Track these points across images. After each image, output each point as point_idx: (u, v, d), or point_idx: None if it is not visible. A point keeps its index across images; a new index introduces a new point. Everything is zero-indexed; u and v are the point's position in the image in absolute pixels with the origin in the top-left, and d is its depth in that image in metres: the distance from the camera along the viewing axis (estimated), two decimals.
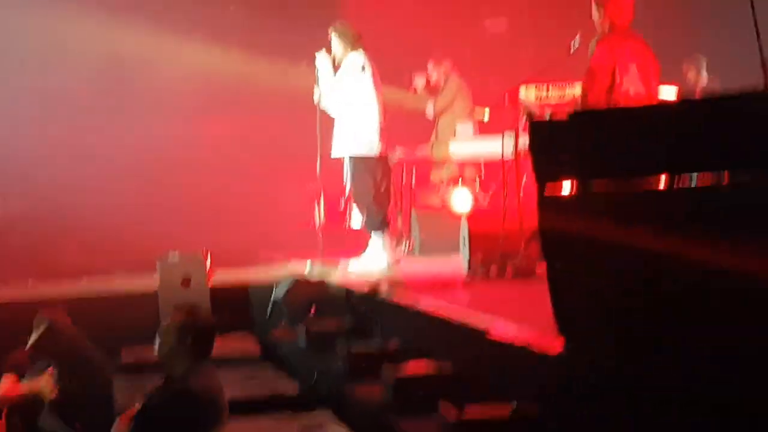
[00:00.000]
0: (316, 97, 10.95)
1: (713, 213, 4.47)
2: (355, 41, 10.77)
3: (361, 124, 10.62)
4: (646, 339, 4.60)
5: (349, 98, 10.66)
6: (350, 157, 10.64)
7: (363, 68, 10.68)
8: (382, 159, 10.83)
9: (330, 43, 10.87)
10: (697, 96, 10.83)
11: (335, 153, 10.75)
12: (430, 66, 13.38)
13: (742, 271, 4.31)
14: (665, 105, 6.02)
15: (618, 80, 8.48)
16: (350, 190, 10.84)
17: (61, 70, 15.49)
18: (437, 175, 13.32)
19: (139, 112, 15.72)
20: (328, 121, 10.96)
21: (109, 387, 8.33)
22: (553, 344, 5.00)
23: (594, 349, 4.75)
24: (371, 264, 10.66)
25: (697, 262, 4.43)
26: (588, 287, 4.85)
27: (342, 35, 10.80)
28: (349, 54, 10.75)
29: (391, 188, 11.31)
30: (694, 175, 4.86)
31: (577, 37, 9.28)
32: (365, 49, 10.80)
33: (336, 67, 10.85)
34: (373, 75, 10.74)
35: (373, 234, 10.82)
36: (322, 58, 10.82)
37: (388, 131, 10.96)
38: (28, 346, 8.19)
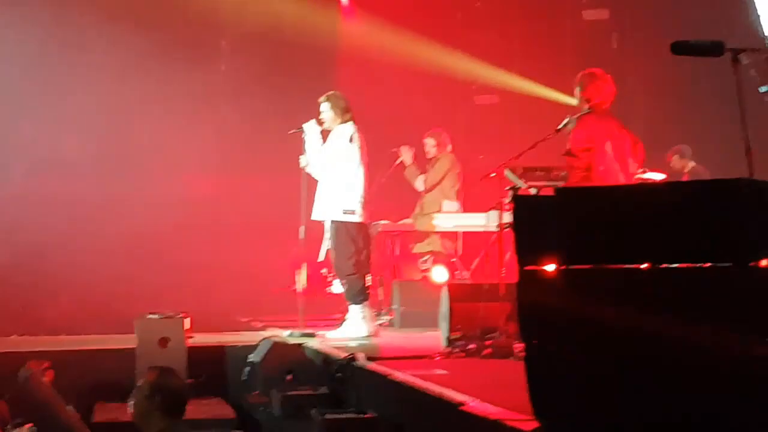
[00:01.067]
0: (302, 164, 11.06)
1: (696, 294, 4.48)
2: (345, 112, 10.90)
3: (345, 191, 10.73)
4: (622, 421, 4.59)
5: (335, 166, 10.77)
6: (332, 221, 10.71)
7: (351, 140, 10.80)
8: (363, 227, 10.89)
9: (320, 111, 10.98)
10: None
11: (315, 215, 10.84)
12: (427, 138, 13.47)
13: (725, 354, 4.32)
14: (653, 185, 6.05)
15: (596, 160, 8.62)
16: (331, 256, 10.90)
17: (51, 126, 15.54)
18: (419, 248, 13.36)
19: (125, 171, 15.76)
20: (312, 187, 11.05)
21: None
22: (528, 421, 4.99)
23: (568, 429, 4.74)
24: (350, 333, 10.72)
25: (679, 345, 4.44)
26: (565, 368, 4.83)
27: (334, 105, 10.93)
28: (338, 124, 10.87)
29: (370, 259, 11.36)
30: None
31: (567, 119, 9.40)
32: (355, 121, 10.91)
33: (324, 135, 10.97)
34: (361, 147, 10.85)
35: (351, 306, 10.89)
36: (311, 127, 10.92)
37: (372, 203, 11.05)
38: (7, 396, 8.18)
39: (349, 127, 10.88)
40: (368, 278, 11.15)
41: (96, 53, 15.60)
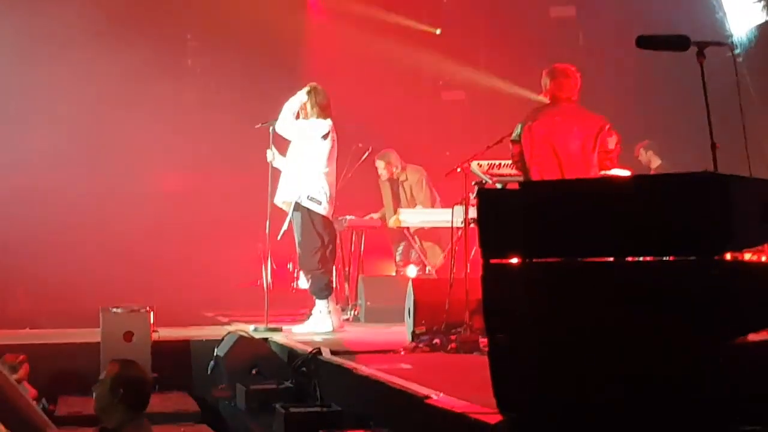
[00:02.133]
0: (269, 158, 11.07)
1: (660, 288, 4.50)
2: (324, 108, 10.90)
3: (312, 181, 10.72)
4: (586, 415, 4.61)
5: (303, 157, 10.77)
6: (296, 205, 10.71)
7: (325, 137, 10.81)
8: (328, 222, 10.89)
9: (299, 94, 10.97)
10: None
11: (278, 199, 10.84)
12: (377, 161, 13.49)
13: (689, 347, 4.34)
14: (617, 179, 6.07)
15: (558, 147, 8.61)
16: (297, 250, 10.90)
17: (17, 121, 15.46)
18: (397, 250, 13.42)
19: (92, 167, 15.71)
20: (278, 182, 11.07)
21: None
22: (493, 414, 5.00)
23: (532, 422, 4.75)
24: (315, 328, 10.75)
25: (643, 338, 4.46)
26: (529, 361, 4.84)
27: (316, 98, 10.92)
28: (315, 117, 10.87)
29: (336, 254, 11.37)
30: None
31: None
32: (332, 119, 10.94)
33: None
34: (332, 147, 10.87)
35: (316, 300, 10.91)
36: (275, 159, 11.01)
37: (338, 200, 11.08)
38: None
39: (326, 125, 10.89)
40: (332, 273, 11.17)
41: (63, 49, 15.52)
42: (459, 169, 9.88)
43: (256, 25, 16.49)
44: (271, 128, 11.07)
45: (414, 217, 12.87)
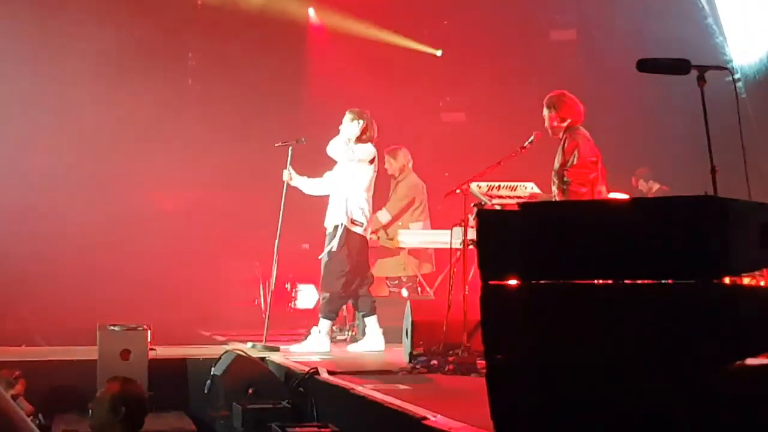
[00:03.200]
0: (285, 177, 11.21)
1: (659, 311, 4.49)
2: (372, 134, 11.03)
3: (351, 204, 10.90)
4: None
5: (353, 180, 10.88)
6: (341, 225, 10.79)
7: (371, 162, 10.95)
8: (363, 240, 11.02)
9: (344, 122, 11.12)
10: None
11: (328, 222, 11.12)
12: (386, 156, 13.45)
13: (686, 371, 4.34)
14: (616, 202, 6.07)
15: (600, 173, 8.71)
16: (322, 267, 10.96)
17: (14, 137, 15.46)
18: (384, 267, 13.34)
19: (90, 184, 15.70)
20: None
21: None
22: None
23: None
24: (313, 348, 10.75)
25: (642, 362, 4.45)
26: (527, 384, 4.83)
27: (365, 124, 11.04)
28: (365, 143, 10.98)
29: (370, 275, 11.48)
30: None
31: (533, 136, 9.48)
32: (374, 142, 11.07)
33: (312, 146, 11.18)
34: (375, 171, 11.03)
35: (321, 318, 10.95)
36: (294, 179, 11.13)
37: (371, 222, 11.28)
38: None
39: (371, 150, 11.04)
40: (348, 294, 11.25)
41: (62, 66, 15.53)
42: (458, 191, 9.90)
43: (256, 44, 16.53)
44: (290, 148, 11.22)
45: (412, 237, 12.86)
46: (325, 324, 11.06)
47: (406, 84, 16.42)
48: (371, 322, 11.21)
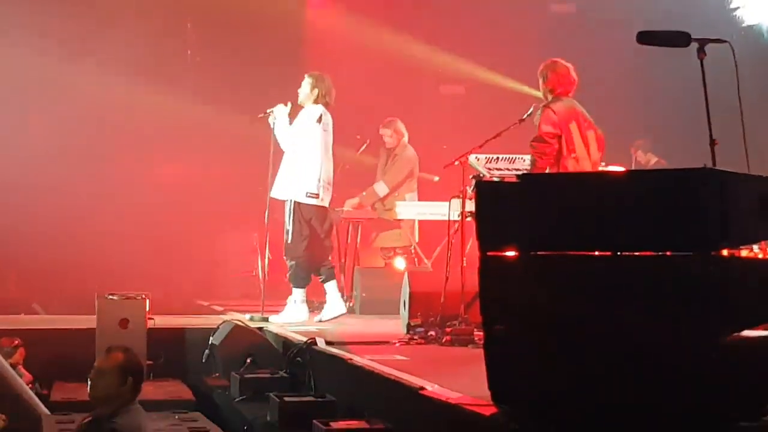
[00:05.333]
0: (278, 111, 11.05)
1: (657, 282, 4.51)
2: (322, 96, 10.90)
3: (304, 172, 10.73)
4: (580, 407, 4.62)
5: (298, 145, 10.78)
6: (292, 201, 10.72)
7: (319, 120, 10.80)
8: (323, 211, 10.88)
9: (301, 86, 10.97)
10: None
11: (276, 193, 10.85)
12: (383, 129, 13.42)
13: (683, 342, 4.36)
14: (615, 174, 6.07)
15: (565, 147, 8.72)
16: (285, 236, 10.88)
17: (11, 108, 15.44)
18: (385, 238, 13.35)
19: (89, 154, 15.67)
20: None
21: (37, 423, 8.26)
22: (487, 406, 5.01)
23: (527, 414, 4.76)
24: (291, 318, 10.73)
25: (639, 332, 4.47)
26: (524, 354, 4.85)
27: (315, 85, 10.94)
28: (310, 103, 10.88)
29: (334, 245, 11.37)
30: None
31: (531, 108, 9.47)
32: (329, 108, 10.93)
33: (296, 111, 10.99)
34: (326, 131, 10.85)
35: (294, 288, 10.90)
36: (280, 111, 10.92)
37: (333, 187, 11.07)
38: None
39: (318, 109, 10.89)
40: (326, 262, 11.13)
41: (59, 39, 15.48)
42: (457, 163, 9.89)
43: (255, 15, 16.46)
44: (271, 119, 11.06)
45: (410, 209, 12.86)
46: (298, 293, 10.97)
47: (404, 56, 16.37)
48: (330, 287, 11.13)
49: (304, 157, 10.82)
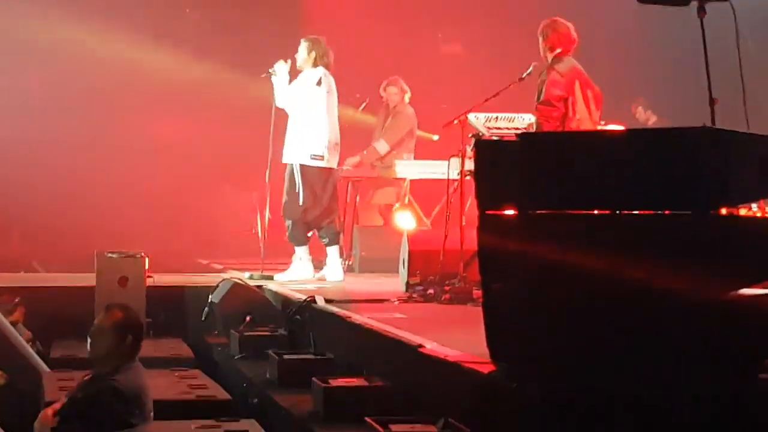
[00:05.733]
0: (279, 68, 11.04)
1: (655, 241, 4.52)
2: (320, 58, 10.89)
3: (308, 135, 10.74)
4: (577, 365, 4.64)
5: (301, 109, 10.77)
6: (296, 164, 10.73)
7: (319, 83, 10.80)
8: (325, 172, 10.89)
9: (298, 51, 10.96)
10: None
11: (285, 158, 10.86)
12: (389, 87, 13.38)
13: (680, 297, 4.37)
14: (612, 132, 6.07)
15: (571, 109, 8.71)
16: (284, 196, 10.90)
17: (12, 64, 15.39)
18: (383, 195, 13.35)
19: (89, 111, 15.64)
20: (281, 130, 11.04)
21: (37, 381, 8.28)
22: (485, 364, 5.03)
23: (525, 371, 4.78)
24: (297, 275, 10.77)
25: (637, 290, 4.48)
26: (522, 312, 4.86)
27: (311, 48, 10.93)
28: (309, 67, 10.87)
29: (336, 205, 11.36)
30: None
31: (531, 67, 9.45)
32: (328, 68, 10.91)
33: (295, 76, 10.97)
34: (329, 92, 10.85)
35: (296, 247, 10.92)
36: (280, 67, 10.89)
37: (338, 149, 11.07)
38: None
39: (318, 71, 10.89)
40: (326, 222, 11.13)
41: None
42: (456, 121, 9.88)
43: None
44: (273, 76, 11.04)
45: (410, 168, 12.85)
46: (301, 250, 11.03)
47: (403, 16, 16.31)
48: (332, 252, 11.15)
49: (307, 121, 10.84)
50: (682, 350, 4.39)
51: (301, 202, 10.83)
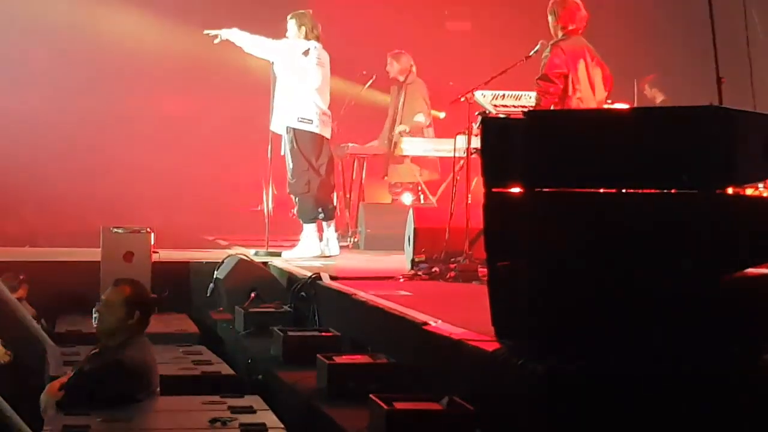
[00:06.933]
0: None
1: (661, 220, 4.51)
2: (310, 32, 10.86)
3: (294, 101, 10.74)
4: (581, 343, 4.64)
5: (291, 79, 10.76)
6: (288, 128, 10.71)
7: (307, 53, 10.77)
8: (318, 141, 10.84)
9: (287, 29, 10.95)
10: None
11: (273, 125, 10.94)
12: (389, 59, 13.35)
13: (687, 278, 4.37)
14: (619, 111, 6.06)
15: (571, 86, 8.69)
16: (287, 174, 10.88)
17: (17, 39, 15.36)
18: (394, 173, 13.33)
19: (94, 86, 15.62)
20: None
21: (42, 356, 8.30)
22: (490, 342, 5.04)
23: (529, 349, 4.78)
24: (305, 253, 10.76)
25: (642, 268, 4.48)
26: (527, 290, 4.86)
27: (299, 23, 10.89)
28: (299, 41, 10.84)
29: (333, 179, 11.31)
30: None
31: (539, 44, 9.42)
32: (319, 41, 10.88)
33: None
34: (320, 65, 10.81)
35: (304, 225, 10.91)
36: (231, 33, 10.94)
37: (334, 121, 11.05)
38: None
39: (308, 44, 10.85)
40: (328, 198, 11.11)
41: None
42: (463, 99, 9.86)
43: None
44: (218, 39, 11.04)
45: (416, 146, 12.84)
46: (309, 228, 11.02)
47: None
48: (328, 227, 11.13)
49: (294, 88, 10.79)
50: (689, 329, 4.39)
51: (303, 173, 10.78)
